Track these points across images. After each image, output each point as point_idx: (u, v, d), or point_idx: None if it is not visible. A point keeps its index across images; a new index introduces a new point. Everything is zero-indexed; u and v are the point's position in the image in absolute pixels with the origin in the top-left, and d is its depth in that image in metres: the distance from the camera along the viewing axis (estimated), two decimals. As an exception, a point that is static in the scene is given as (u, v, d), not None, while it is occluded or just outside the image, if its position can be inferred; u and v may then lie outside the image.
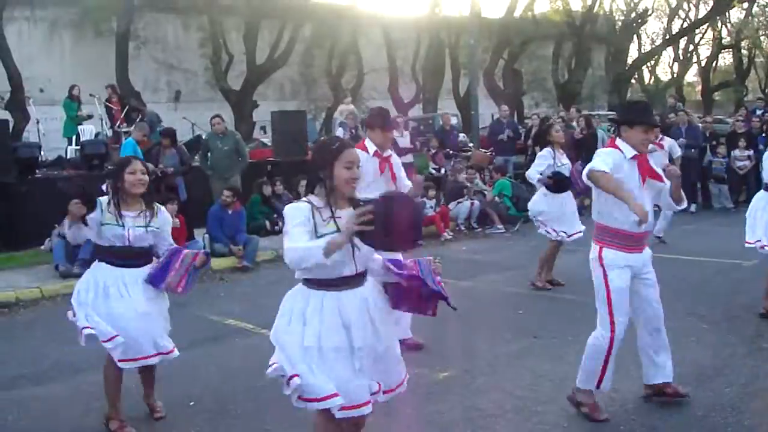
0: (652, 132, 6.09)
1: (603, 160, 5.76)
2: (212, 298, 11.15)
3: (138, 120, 18.70)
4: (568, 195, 10.75)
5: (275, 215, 15.53)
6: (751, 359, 7.43)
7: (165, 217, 6.30)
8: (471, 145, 22.78)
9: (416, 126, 30.33)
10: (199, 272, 6.40)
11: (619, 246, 5.93)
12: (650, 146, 6.32)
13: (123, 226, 5.95)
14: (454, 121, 27.00)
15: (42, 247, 13.21)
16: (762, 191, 9.15)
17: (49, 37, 37.66)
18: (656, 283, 6.10)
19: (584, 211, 12.67)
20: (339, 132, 17.09)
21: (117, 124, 19.94)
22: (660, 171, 6.08)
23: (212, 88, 36.84)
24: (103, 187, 6.15)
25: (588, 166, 5.80)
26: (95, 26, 35.34)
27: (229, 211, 13.46)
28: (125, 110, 20.16)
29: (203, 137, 16.88)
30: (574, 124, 19.99)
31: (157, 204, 6.29)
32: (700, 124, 20.24)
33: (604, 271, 5.93)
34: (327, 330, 4.22)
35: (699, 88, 61.22)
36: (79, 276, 6.43)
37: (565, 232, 10.72)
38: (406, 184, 7.82)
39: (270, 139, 23.52)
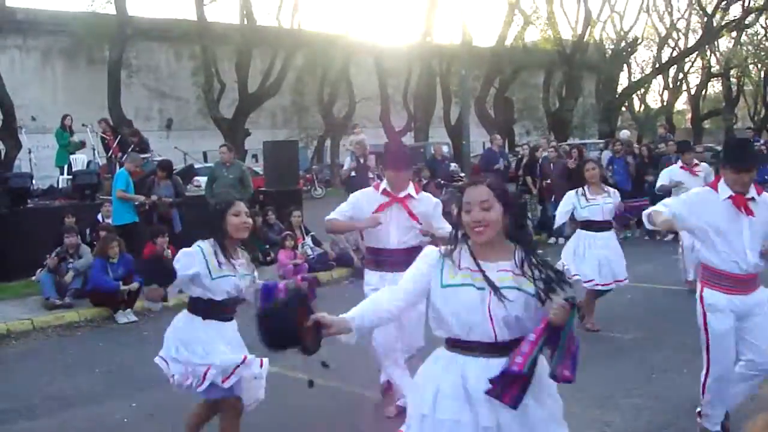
0: (745, 174, 5.66)
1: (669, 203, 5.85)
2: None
3: (131, 149, 18.69)
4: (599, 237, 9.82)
5: (266, 246, 15.45)
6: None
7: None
8: (462, 174, 22.80)
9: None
10: None
11: (721, 287, 5.74)
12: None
13: (236, 275, 5.40)
14: (445, 149, 27.06)
15: (33, 278, 13.16)
16: None
17: (42, 65, 37.84)
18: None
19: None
20: (347, 161, 17.03)
21: (111, 155, 19.89)
22: None
23: (204, 117, 36.98)
24: (99, 217, 6.00)
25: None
26: (87, 55, 35.56)
27: (224, 242, 13.42)
28: (118, 139, 20.13)
29: (195, 166, 16.90)
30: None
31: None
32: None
33: (704, 312, 5.79)
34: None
35: (689, 116, 61.67)
36: (69, 307, 6.28)
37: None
38: (443, 227, 6.53)
39: (261, 167, 23.53)
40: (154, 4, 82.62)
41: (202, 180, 21.39)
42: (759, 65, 57.50)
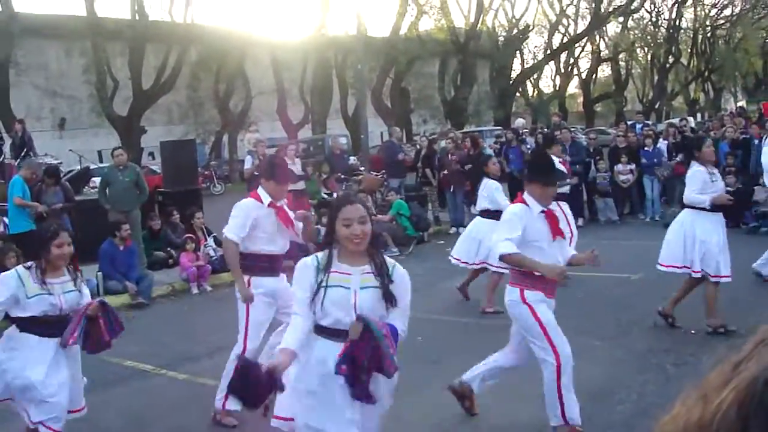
0: (552, 188, 6.20)
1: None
2: (108, 337, 10.97)
3: (23, 153, 18.29)
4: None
5: (169, 248, 15.31)
6: (642, 375, 7.68)
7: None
8: (362, 168, 22.93)
9: (306, 148, 30.38)
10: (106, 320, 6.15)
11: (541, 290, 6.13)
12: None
13: (52, 294, 5.83)
14: (343, 141, 27.12)
15: None
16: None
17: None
18: None
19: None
20: (248, 161, 16.96)
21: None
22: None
23: (98, 115, 36.24)
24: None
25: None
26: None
27: (121, 248, 13.27)
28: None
29: (91, 168, 16.54)
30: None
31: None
32: (584, 138, 20.78)
33: (531, 307, 6.08)
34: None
35: (580, 99, 63.06)
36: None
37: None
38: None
39: (159, 165, 23.25)
40: (42, 0, 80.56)
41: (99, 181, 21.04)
42: (646, 49, 59.28)
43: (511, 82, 49.46)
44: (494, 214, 9.86)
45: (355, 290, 4.39)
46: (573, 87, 65.27)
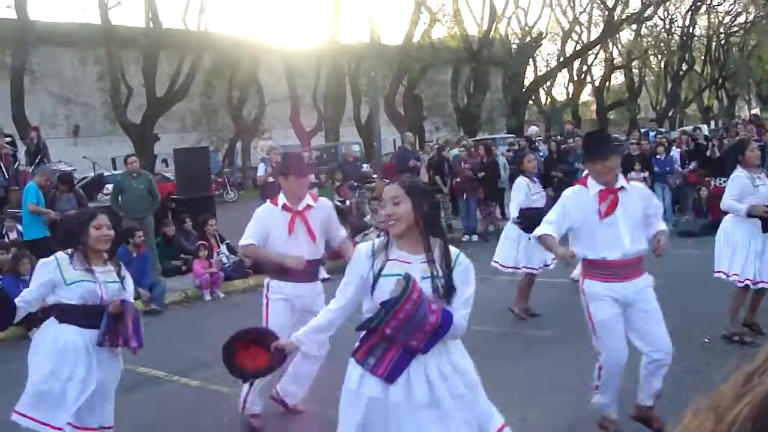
0: (601, 163, 5.96)
1: None
2: (121, 344, 10.99)
3: (38, 160, 18.36)
4: None
5: (182, 254, 15.36)
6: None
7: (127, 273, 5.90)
8: (375, 176, 22.94)
9: (319, 155, 30.43)
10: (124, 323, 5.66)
11: (600, 276, 5.98)
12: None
13: (94, 281, 5.55)
14: (356, 148, 27.15)
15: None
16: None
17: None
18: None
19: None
20: (261, 168, 17.00)
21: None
22: None
23: (112, 122, 36.43)
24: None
25: None
26: (-11, 61, 34.66)
27: (134, 254, 13.31)
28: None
29: (104, 174, 16.59)
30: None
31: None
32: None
33: (587, 302, 6.02)
34: None
35: (594, 107, 62.91)
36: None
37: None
38: (339, 235, 7.21)
39: (172, 172, 23.32)
40: (56, 9, 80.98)
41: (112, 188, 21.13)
42: (659, 56, 59.08)
43: (524, 89, 49.43)
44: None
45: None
46: (586, 94, 65.23)
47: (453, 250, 4.20)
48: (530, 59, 52.50)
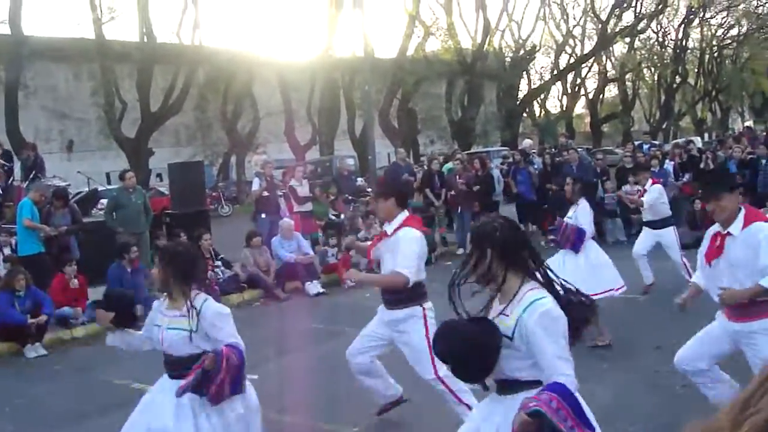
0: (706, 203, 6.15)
1: None
2: (116, 360, 10.89)
3: (32, 175, 18.34)
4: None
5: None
6: (650, 396, 7.65)
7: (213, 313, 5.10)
8: (369, 190, 22.96)
9: (314, 169, 30.43)
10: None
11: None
12: None
13: (160, 326, 5.15)
14: (350, 162, 27.15)
15: None
16: None
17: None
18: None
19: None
20: (255, 183, 17.02)
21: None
22: None
23: (106, 137, 36.40)
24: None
25: None
26: (-18, 76, 34.62)
27: (129, 270, 13.30)
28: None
29: (99, 189, 16.61)
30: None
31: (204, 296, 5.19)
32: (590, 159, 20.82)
33: None
34: None
35: (587, 120, 63.08)
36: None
37: None
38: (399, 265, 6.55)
39: (167, 187, 23.29)
40: (50, 24, 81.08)
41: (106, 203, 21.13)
42: (652, 69, 59.25)
43: (518, 102, 49.54)
44: None
45: None
46: (580, 107, 65.44)
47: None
48: (524, 72, 52.63)
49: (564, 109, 58.62)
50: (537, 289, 3.89)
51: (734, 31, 59.58)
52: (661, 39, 57.81)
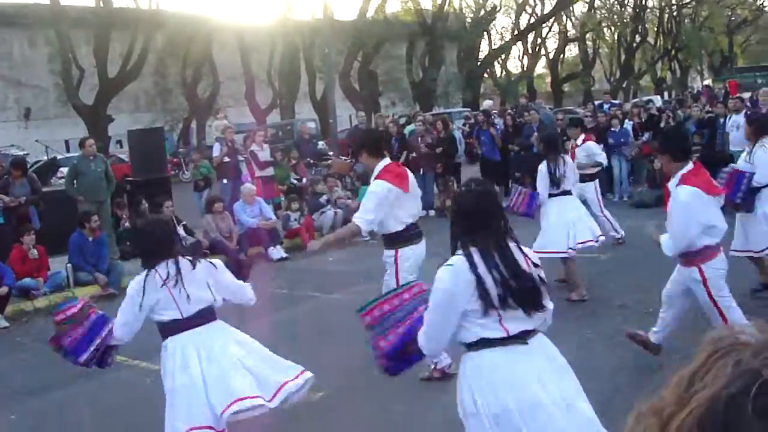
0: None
1: None
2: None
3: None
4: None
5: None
6: (612, 354, 7.74)
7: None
8: (331, 153, 22.89)
9: (275, 133, 30.28)
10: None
11: None
12: None
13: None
14: (311, 126, 27.03)
15: None
16: None
17: None
18: None
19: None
20: (216, 148, 16.91)
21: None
22: None
23: (64, 104, 35.95)
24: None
25: None
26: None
27: (90, 239, 13.19)
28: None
29: (58, 158, 16.40)
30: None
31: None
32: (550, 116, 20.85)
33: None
34: None
35: (548, 80, 63.24)
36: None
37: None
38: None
39: (127, 154, 23.09)
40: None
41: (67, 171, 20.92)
42: (612, 28, 59.44)
43: (479, 63, 49.48)
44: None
45: None
46: (541, 67, 65.64)
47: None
48: (485, 33, 52.52)
49: (525, 69, 58.72)
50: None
51: (693, -10, 59.83)
52: (620, -2, 58.03)
